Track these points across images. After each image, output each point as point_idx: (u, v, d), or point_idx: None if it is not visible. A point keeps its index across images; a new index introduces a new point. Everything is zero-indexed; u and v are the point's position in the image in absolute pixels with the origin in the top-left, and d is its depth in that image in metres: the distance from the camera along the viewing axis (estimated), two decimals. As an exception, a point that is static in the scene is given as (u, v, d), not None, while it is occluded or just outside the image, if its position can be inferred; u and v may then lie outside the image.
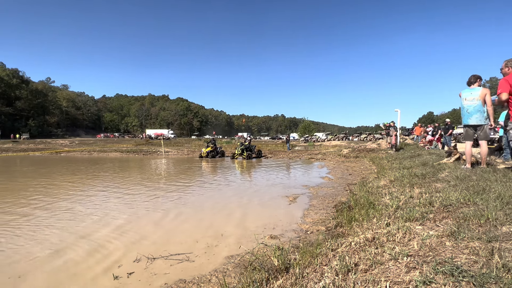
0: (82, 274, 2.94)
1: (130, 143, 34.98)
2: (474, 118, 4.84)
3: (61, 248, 3.61)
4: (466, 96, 4.90)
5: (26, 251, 3.53)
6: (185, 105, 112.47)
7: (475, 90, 4.85)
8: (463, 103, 4.94)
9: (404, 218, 2.67)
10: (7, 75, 63.91)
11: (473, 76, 4.91)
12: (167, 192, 7.26)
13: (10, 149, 27.57)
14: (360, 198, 4.52)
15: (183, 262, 3.15)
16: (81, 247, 3.65)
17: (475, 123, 4.86)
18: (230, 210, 5.46)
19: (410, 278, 1.54)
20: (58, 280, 2.83)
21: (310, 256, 2.44)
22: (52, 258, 3.35)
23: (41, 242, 3.82)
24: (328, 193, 6.73)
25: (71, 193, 7.17)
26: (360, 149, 18.83)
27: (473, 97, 4.81)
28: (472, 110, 4.84)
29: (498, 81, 4.39)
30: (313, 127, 62.59)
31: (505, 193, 2.78)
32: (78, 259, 3.29)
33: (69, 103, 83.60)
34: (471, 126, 4.94)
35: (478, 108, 4.78)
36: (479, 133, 4.91)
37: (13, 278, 2.87)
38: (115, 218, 4.90)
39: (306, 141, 43.86)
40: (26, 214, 5.18)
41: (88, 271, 3.00)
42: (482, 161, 5.06)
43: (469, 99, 4.85)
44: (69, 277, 2.90)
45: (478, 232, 1.97)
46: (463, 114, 5.00)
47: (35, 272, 3.01)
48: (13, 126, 58.94)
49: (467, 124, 4.96)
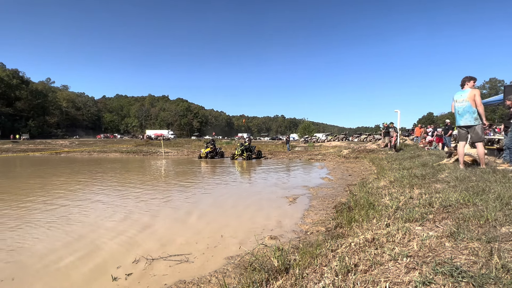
0: (80, 275, 2.93)
1: (130, 144, 34.96)
2: (464, 119, 4.98)
3: (58, 249, 3.60)
4: (457, 98, 5.06)
5: (24, 251, 3.53)
6: (185, 106, 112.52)
7: (464, 91, 4.98)
8: (455, 105, 5.11)
9: (404, 219, 2.67)
10: (7, 76, 63.94)
11: (466, 77, 5.03)
12: (166, 193, 7.26)
13: (10, 150, 27.56)
14: (360, 199, 4.52)
15: (182, 263, 3.14)
16: (79, 248, 3.64)
17: (465, 124, 5.00)
18: (230, 211, 5.46)
19: (409, 278, 1.54)
20: (55, 281, 2.82)
21: (310, 257, 2.44)
22: (49, 258, 3.34)
23: (36, 243, 3.82)
24: (328, 194, 6.73)
25: (68, 193, 7.16)
26: (360, 149, 18.83)
27: (463, 99, 4.95)
28: (462, 111, 4.99)
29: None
30: (313, 128, 62.64)
31: (504, 194, 2.78)
32: (76, 260, 3.28)
33: (69, 104, 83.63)
34: (463, 127, 5.08)
35: (467, 109, 4.91)
36: (471, 134, 5.00)
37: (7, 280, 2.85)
38: (113, 219, 4.90)
39: (306, 142, 43.84)
40: (19, 217, 5.17)
41: (86, 272, 2.99)
42: (480, 162, 5.09)
43: (459, 100, 5.02)
44: (67, 278, 2.88)
45: (477, 233, 1.97)
46: (456, 116, 5.17)
47: (32, 273, 3.00)
48: (13, 127, 58.94)
49: (459, 125, 5.12)
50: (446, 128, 12.70)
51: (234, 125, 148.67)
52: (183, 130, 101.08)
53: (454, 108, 5.16)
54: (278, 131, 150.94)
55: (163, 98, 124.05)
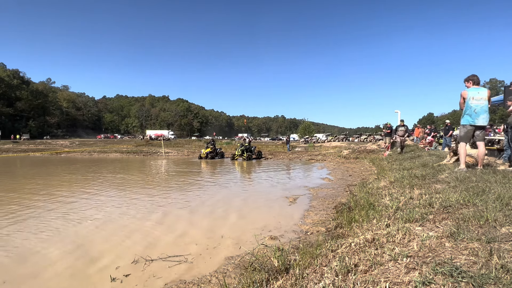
0: (78, 276, 2.92)
1: (130, 144, 34.97)
2: (481, 118, 4.67)
3: (57, 249, 3.61)
4: (475, 95, 4.68)
5: (21, 252, 3.53)
6: (185, 106, 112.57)
7: (483, 90, 4.72)
8: (470, 102, 4.70)
9: (404, 219, 2.67)
10: (7, 76, 64.05)
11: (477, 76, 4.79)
12: (165, 194, 7.26)
13: (10, 150, 27.59)
14: (360, 199, 4.52)
15: (182, 263, 3.14)
16: (77, 249, 3.64)
17: (481, 124, 4.69)
18: (230, 211, 5.46)
19: (409, 278, 1.55)
20: (53, 282, 2.82)
21: (310, 257, 2.44)
22: (47, 259, 3.34)
23: (35, 244, 3.82)
24: (328, 194, 6.73)
25: (67, 193, 7.17)
26: (360, 150, 18.83)
27: (481, 97, 4.65)
28: (479, 110, 4.66)
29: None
30: (313, 128, 62.65)
31: (504, 194, 2.78)
32: (74, 261, 3.28)
33: (70, 104, 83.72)
34: (477, 126, 4.75)
35: (485, 108, 4.64)
36: (479, 133, 4.79)
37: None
38: (112, 219, 4.90)
39: (306, 142, 43.82)
40: (17, 219, 5.18)
41: (84, 273, 2.98)
42: (479, 163, 4.95)
43: (477, 98, 4.66)
44: (65, 279, 2.88)
45: (477, 233, 1.98)
46: (469, 114, 4.74)
47: (28, 273, 3.01)
48: (14, 127, 58.98)
49: (474, 124, 4.72)
50: (446, 129, 12.70)
51: (234, 126, 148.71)
52: (183, 131, 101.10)
53: (468, 106, 4.73)
54: (278, 132, 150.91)
55: (164, 98, 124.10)
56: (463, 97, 4.85)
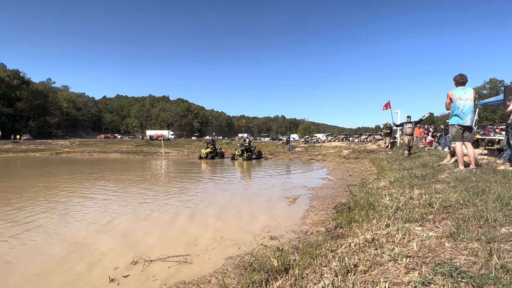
0: (77, 277, 2.91)
1: (130, 144, 34.97)
2: (469, 118, 4.74)
3: (55, 249, 3.60)
4: (461, 96, 4.74)
5: (19, 254, 3.53)
6: (185, 106, 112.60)
7: (468, 90, 4.75)
8: (458, 102, 4.76)
9: (404, 219, 2.67)
10: (7, 76, 64.03)
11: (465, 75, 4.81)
12: (165, 194, 7.26)
13: (10, 150, 27.60)
14: (360, 199, 4.52)
15: (181, 263, 3.14)
16: (76, 249, 3.63)
17: (469, 124, 4.76)
18: (230, 211, 5.46)
19: (409, 279, 1.54)
20: (52, 283, 2.81)
21: (310, 257, 2.44)
22: (45, 260, 3.34)
23: (34, 244, 3.82)
24: (328, 194, 6.73)
25: (67, 194, 7.17)
26: (360, 150, 18.83)
27: (467, 97, 4.71)
28: (466, 111, 4.72)
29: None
30: (313, 128, 62.73)
31: (504, 194, 2.78)
32: (73, 261, 3.27)
33: (70, 104, 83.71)
34: (465, 127, 4.81)
35: (471, 108, 4.70)
36: (468, 134, 4.82)
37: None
38: (111, 220, 4.89)
39: (306, 142, 43.83)
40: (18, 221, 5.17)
41: (83, 274, 2.97)
42: (471, 162, 4.91)
43: (464, 98, 4.72)
44: (63, 279, 2.87)
45: (477, 233, 1.97)
46: (457, 114, 4.81)
47: (27, 274, 3.00)
48: (14, 127, 58.97)
49: (462, 124, 4.81)
50: (446, 129, 12.69)
51: (234, 126, 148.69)
52: (183, 131, 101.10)
53: (455, 106, 4.79)
54: (278, 132, 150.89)
55: (164, 98, 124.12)
56: (450, 98, 4.88)
